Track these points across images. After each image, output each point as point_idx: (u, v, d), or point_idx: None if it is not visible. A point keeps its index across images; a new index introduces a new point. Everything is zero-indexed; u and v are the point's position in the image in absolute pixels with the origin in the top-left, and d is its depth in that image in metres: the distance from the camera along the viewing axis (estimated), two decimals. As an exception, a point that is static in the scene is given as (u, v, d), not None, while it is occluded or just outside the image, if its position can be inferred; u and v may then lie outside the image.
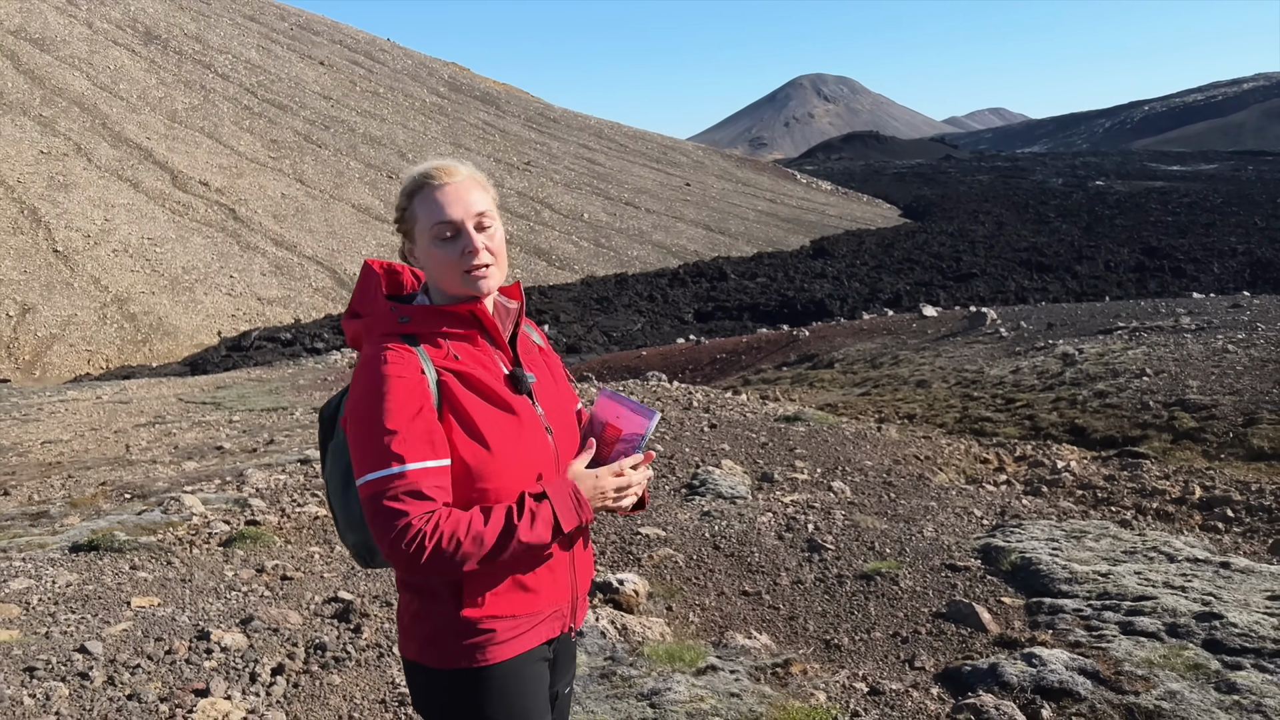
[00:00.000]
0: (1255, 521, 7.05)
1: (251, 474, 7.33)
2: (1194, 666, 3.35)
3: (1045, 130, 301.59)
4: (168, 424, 18.99)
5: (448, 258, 1.69)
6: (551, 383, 1.87)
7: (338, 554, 4.91)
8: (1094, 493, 8.28)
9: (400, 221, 1.77)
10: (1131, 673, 3.32)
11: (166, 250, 47.01)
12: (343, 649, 3.51)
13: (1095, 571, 4.35)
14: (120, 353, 39.83)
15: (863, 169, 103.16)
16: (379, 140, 62.97)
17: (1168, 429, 10.94)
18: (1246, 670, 3.29)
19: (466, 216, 1.71)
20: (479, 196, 1.75)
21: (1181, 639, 3.59)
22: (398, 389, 1.60)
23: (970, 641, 3.85)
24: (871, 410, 15.40)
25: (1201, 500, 7.77)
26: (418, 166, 1.79)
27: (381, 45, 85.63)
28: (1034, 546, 4.79)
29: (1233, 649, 3.46)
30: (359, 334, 1.77)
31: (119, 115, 54.98)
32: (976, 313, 21.68)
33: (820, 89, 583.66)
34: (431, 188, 1.73)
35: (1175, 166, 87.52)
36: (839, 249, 53.65)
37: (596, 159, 75.38)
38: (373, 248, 51.91)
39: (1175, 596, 3.97)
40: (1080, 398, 12.83)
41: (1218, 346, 13.77)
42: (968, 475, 9.42)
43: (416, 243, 1.74)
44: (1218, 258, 43.92)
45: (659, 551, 4.90)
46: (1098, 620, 3.86)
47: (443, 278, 1.72)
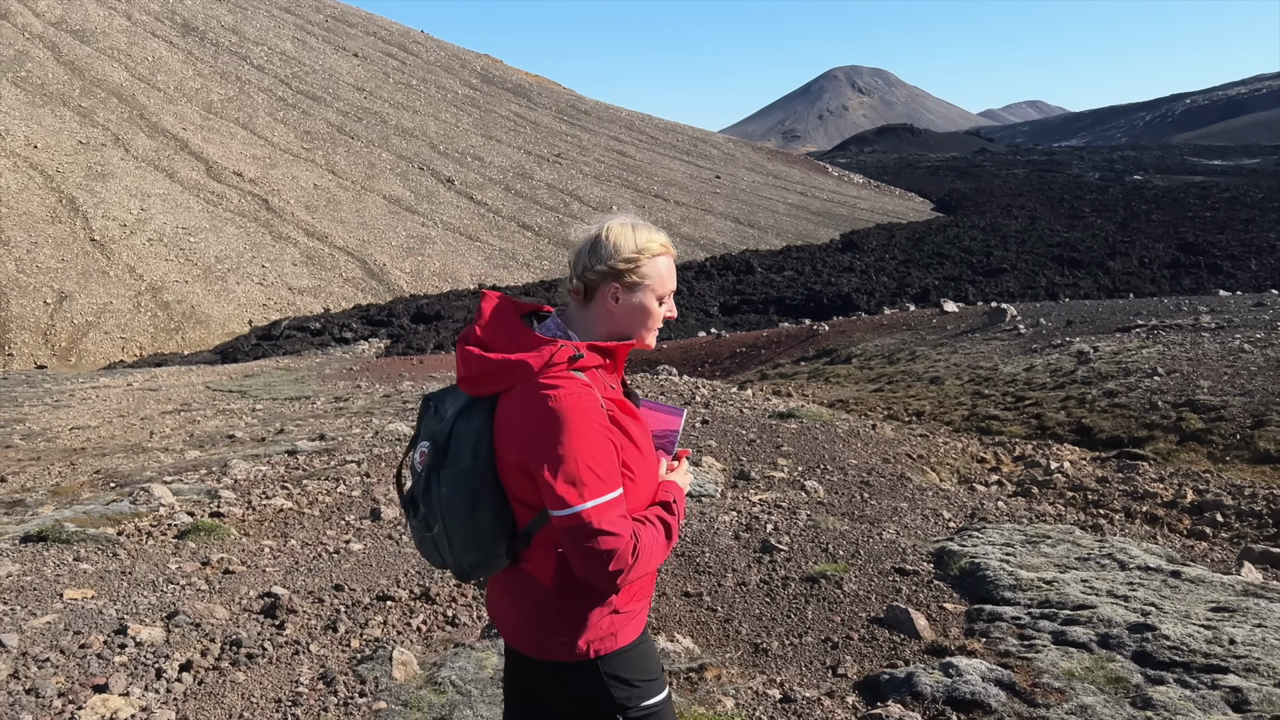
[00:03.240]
0: (1244, 527, 6.88)
1: (235, 465, 7.42)
2: (1115, 680, 3.27)
3: (1083, 124, 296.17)
4: (192, 411, 19.30)
5: (656, 314, 2.00)
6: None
7: (289, 548, 4.95)
8: (1084, 495, 8.13)
9: (631, 270, 1.95)
10: (1049, 685, 3.24)
11: (200, 240, 47.72)
12: (260, 646, 3.54)
13: (1041, 579, 4.26)
14: (154, 340, 40.55)
15: (896, 162, 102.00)
16: (410, 132, 63.39)
17: (1174, 430, 10.72)
18: (1168, 685, 3.20)
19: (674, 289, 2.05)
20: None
21: (1111, 650, 3.50)
22: (594, 423, 1.79)
23: (900, 649, 3.79)
24: (882, 407, 15.25)
25: (1193, 504, 7.60)
26: (645, 228, 2.01)
27: (415, 37, 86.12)
28: (986, 552, 4.70)
29: (1161, 662, 3.38)
30: (502, 370, 1.83)
31: (156, 106, 55.83)
32: (996, 309, 21.36)
33: (855, 81, 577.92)
34: (665, 256, 2.01)
35: (1216, 161, 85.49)
36: (868, 243, 53.13)
37: (627, 151, 75.29)
38: (402, 238, 52.33)
39: (1115, 606, 3.88)
40: (1089, 397, 12.60)
41: (1234, 346, 13.45)
42: (961, 475, 9.29)
43: (633, 292, 1.96)
44: (1256, 254, 42.94)
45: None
46: (1033, 629, 3.79)
47: (637, 326, 1.98)
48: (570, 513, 1.72)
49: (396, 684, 3.16)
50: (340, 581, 4.32)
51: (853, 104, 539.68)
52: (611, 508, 1.75)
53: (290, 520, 5.52)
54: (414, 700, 3.03)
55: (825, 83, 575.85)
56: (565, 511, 1.73)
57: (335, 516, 5.61)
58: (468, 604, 4.12)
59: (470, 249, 52.72)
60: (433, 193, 56.85)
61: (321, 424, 13.92)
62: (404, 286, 47.92)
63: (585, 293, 1.97)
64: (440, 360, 30.03)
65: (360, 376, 25.41)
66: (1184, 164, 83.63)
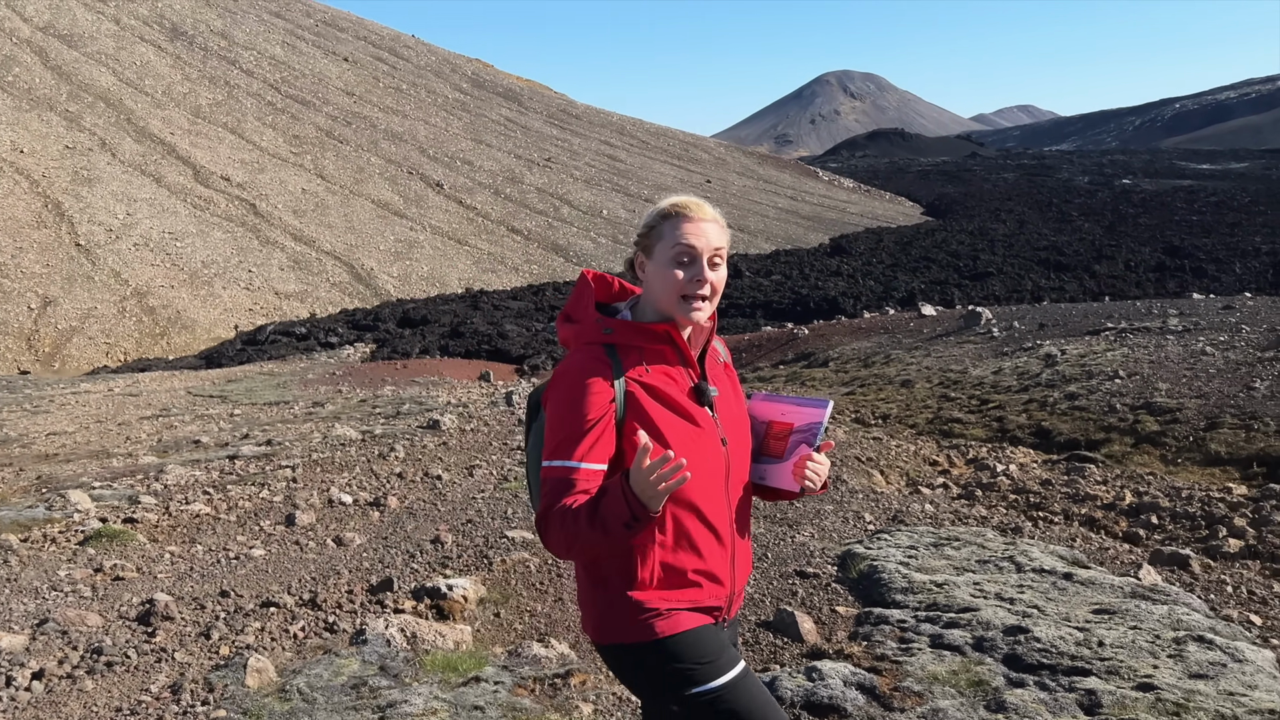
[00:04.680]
0: (1177, 529, 6.86)
1: (172, 470, 7.38)
2: (977, 683, 3.24)
3: (1074, 128, 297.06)
4: (171, 417, 19.24)
5: (677, 280, 1.90)
6: (733, 397, 2.07)
7: (191, 554, 4.91)
8: (1026, 497, 8.11)
9: (644, 236, 1.98)
10: (909, 689, 3.22)
11: (187, 245, 47.65)
12: (123, 653, 3.50)
13: (934, 582, 4.24)
14: (138, 346, 40.47)
15: (887, 166, 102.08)
16: (400, 136, 63.38)
17: (1131, 432, 10.70)
18: (1027, 688, 3.17)
19: (705, 249, 1.93)
20: (719, 235, 1.98)
21: (983, 653, 3.47)
22: (590, 397, 1.85)
23: (780, 653, 3.76)
24: (851, 409, 15.23)
25: (1131, 506, 7.57)
26: (675, 196, 2.00)
27: (406, 42, 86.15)
28: (889, 555, 4.68)
29: (1028, 665, 3.35)
30: (570, 337, 2.00)
31: (144, 111, 55.77)
32: (972, 312, 21.36)
33: (847, 86, 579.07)
34: (684, 216, 1.94)
35: (1204, 165, 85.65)
36: (857, 247, 53.16)
37: (617, 156, 75.33)
38: (390, 243, 52.29)
39: (999, 609, 3.85)
40: (1051, 400, 12.58)
41: (1196, 348, 13.43)
42: (910, 477, 9.27)
43: (652, 258, 1.95)
44: (1240, 258, 43.03)
45: (514, 555, 4.84)
46: (914, 632, 3.76)
47: (663, 296, 1.92)
48: (543, 465, 1.86)
49: (246, 692, 3.13)
50: (229, 588, 4.29)
51: (845, 108, 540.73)
52: (554, 474, 1.82)
53: (203, 526, 5.48)
54: (255, 708, 3.00)
55: (817, 87, 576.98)
56: (543, 463, 1.87)
57: (250, 522, 5.57)
58: (353, 610, 4.09)
59: (459, 253, 52.69)
60: (422, 197, 56.83)
61: (287, 429, 13.89)
62: (391, 291, 47.87)
63: (632, 273, 2.03)
64: (424, 365, 29.98)
65: (342, 381, 25.36)
66: (1172, 168, 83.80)
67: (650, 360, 1.93)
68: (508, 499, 6.10)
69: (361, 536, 5.25)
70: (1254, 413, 10.19)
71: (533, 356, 30.71)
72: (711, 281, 1.92)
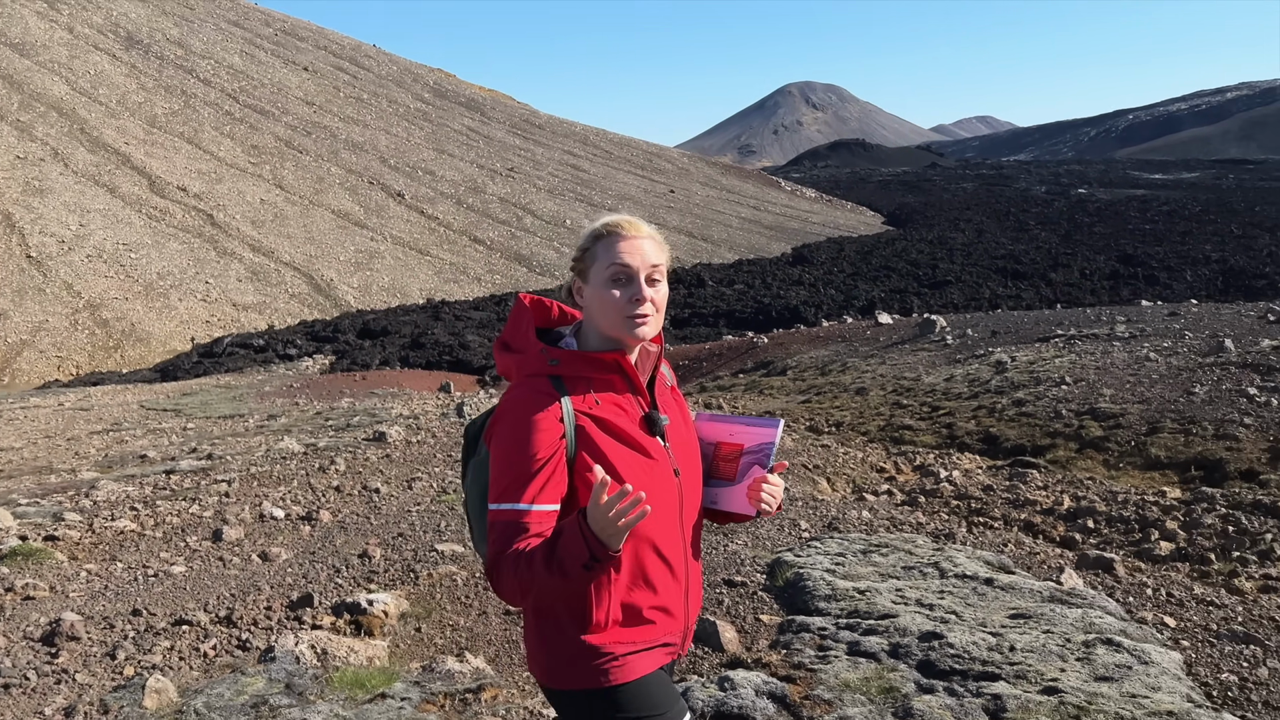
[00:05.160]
0: (1112, 533, 6.95)
1: (104, 486, 7.22)
2: (888, 690, 3.24)
3: (1032, 138, 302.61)
4: (122, 431, 18.88)
5: (615, 301, 1.83)
6: (682, 424, 2.00)
7: (110, 572, 4.80)
8: (968, 503, 8.18)
9: (579, 260, 1.91)
10: (820, 697, 3.21)
11: (142, 256, 46.93)
12: (22, 675, 3.40)
13: (857, 589, 4.24)
14: (91, 359, 39.74)
15: (848, 176, 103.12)
16: (361, 146, 62.93)
17: (1075, 438, 10.85)
18: (936, 694, 3.18)
19: (642, 266, 1.85)
20: (655, 252, 1.91)
21: (898, 660, 3.48)
22: (536, 435, 1.75)
23: (700, 663, 3.74)
24: (806, 417, 15.30)
25: (1069, 511, 7.67)
26: (606, 216, 1.93)
27: (367, 51, 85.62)
28: (816, 562, 4.68)
29: (940, 671, 3.36)
30: (510, 368, 1.92)
31: (98, 120, 54.90)
32: (926, 320, 21.58)
33: (809, 97, 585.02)
34: (618, 236, 1.87)
35: (1157, 175, 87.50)
36: (818, 256, 53.59)
37: (581, 165, 75.36)
38: (351, 253, 51.85)
39: (917, 615, 3.87)
40: (999, 406, 12.72)
41: (1141, 355, 13.67)
42: (856, 484, 9.31)
43: (589, 282, 1.87)
44: (1191, 265, 43.98)
45: (441, 569, 4.78)
46: (833, 640, 3.76)
47: (605, 318, 1.85)
48: (490, 508, 1.76)
49: (143, 713, 3.05)
50: (142, 606, 4.19)
51: (807, 119, 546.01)
52: (503, 517, 1.73)
53: (127, 543, 5.36)
54: (149, 730, 2.93)
55: (780, 98, 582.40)
56: (490, 506, 1.77)
57: (175, 538, 5.46)
58: (268, 627, 4.01)
59: (420, 263, 52.36)
60: (382, 207, 56.43)
61: (237, 442, 13.68)
62: (351, 302, 47.45)
63: (570, 298, 1.95)
64: (384, 376, 29.70)
65: (300, 394, 25.06)
66: (1126, 178, 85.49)
67: (599, 391, 1.85)
68: (443, 511, 6.03)
69: (288, 552, 5.16)
70: (1193, 417, 10.39)
71: (494, 368, 30.55)
72: (651, 298, 1.86)
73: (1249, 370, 11.71)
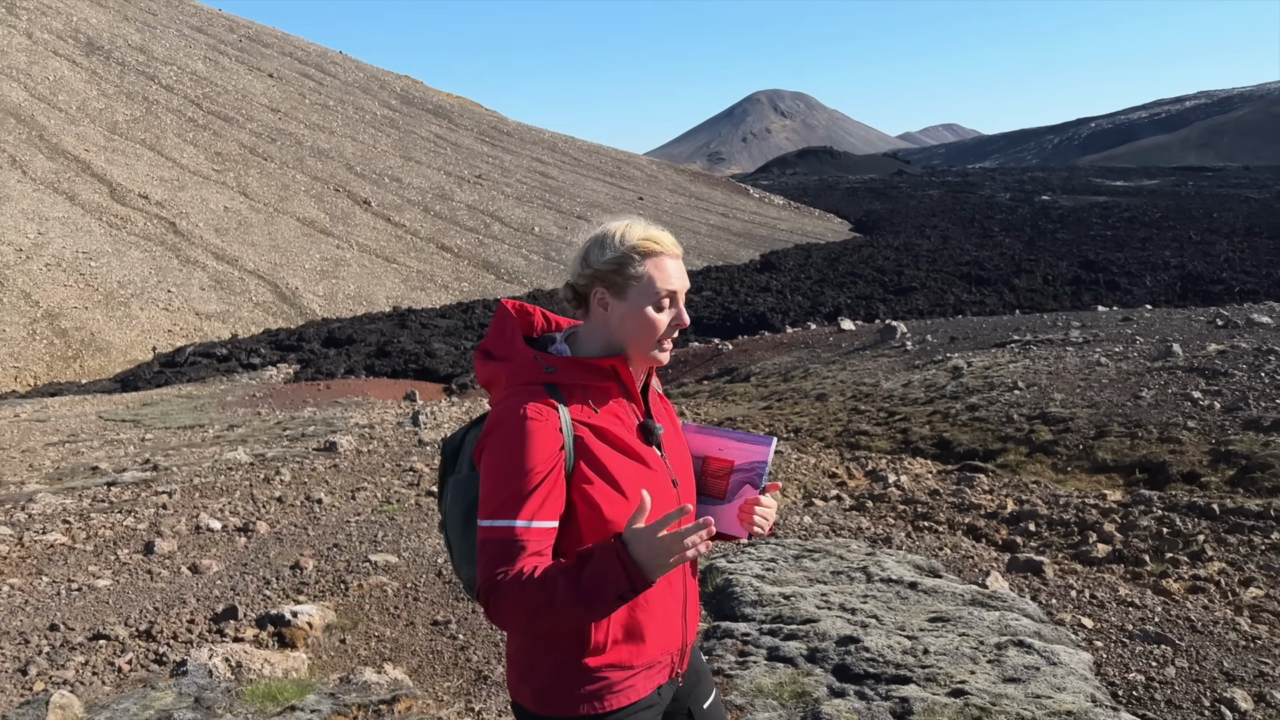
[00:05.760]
0: (1052, 535, 7.04)
1: (41, 498, 7.10)
2: (800, 694, 3.26)
3: (997, 146, 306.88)
4: (79, 442, 18.56)
5: (657, 325, 1.77)
6: (674, 433, 1.91)
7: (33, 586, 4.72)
8: (915, 508, 8.25)
9: (614, 273, 1.77)
10: (732, 703, 3.22)
11: (102, 264, 46.23)
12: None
13: (783, 594, 4.27)
14: (49, 370, 39.05)
15: (816, 184, 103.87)
16: (327, 153, 62.47)
17: (1026, 442, 10.99)
18: (847, 698, 3.20)
19: (683, 289, 1.80)
20: (685, 273, 1.84)
21: (815, 664, 3.50)
22: (535, 447, 1.64)
23: (622, 671, 3.75)
24: (766, 423, 15.38)
25: (1012, 514, 7.77)
26: (641, 225, 1.81)
27: (333, 58, 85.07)
28: (747, 568, 4.70)
29: (855, 674, 3.38)
30: (495, 377, 1.80)
31: (57, 127, 54.07)
32: (887, 326, 21.78)
33: (777, 105, 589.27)
34: (667, 255, 1.79)
35: (1119, 182, 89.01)
36: (786, 263, 53.91)
37: (549, 173, 75.31)
38: (316, 261, 51.40)
39: (839, 619, 3.89)
40: (953, 411, 12.86)
41: (1093, 359, 13.88)
42: (808, 490, 9.37)
43: (625, 299, 1.77)
44: (1150, 271, 44.72)
45: (372, 579, 4.75)
46: (754, 645, 3.77)
47: (638, 339, 1.77)
48: (481, 525, 1.65)
49: (44, 729, 3.01)
50: (61, 620, 4.13)
51: (775, 127, 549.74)
52: (496, 535, 1.61)
53: (56, 556, 5.27)
54: (46, 747, 2.88)
55: (749, 106, 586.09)
56: (481, 522, 1.65)
57: (106, 551, 5.38)
58: (188, 641, 3.96)
59: (387, 271, 52.03)
60: (349, 214, 56.03)
61: (192, 453, 13.52)
62: (317, 310, 47.01)
63: (578, 301, 1.83)
64: (348, 385, 29.47)
65: (262, 403, 24.79)
66: (1089, 185, 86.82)
67: (596, 399, 1.76)
68: (383, 521, 5.99)
69: (220, 564, 5.10)
70: (1139, 421, 10.55)
71: (461, 375, 30.39)
72: (687, 323, 1.81)
73: (1194, 374, 11.92)
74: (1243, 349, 12.65)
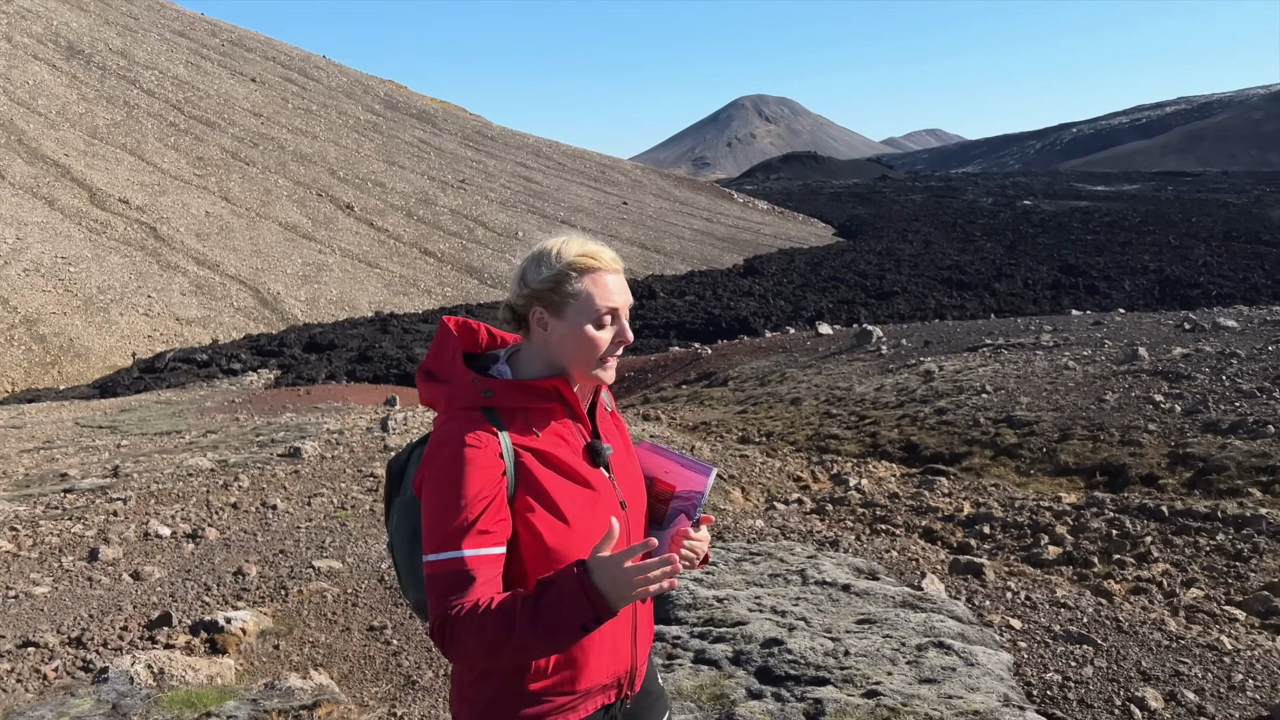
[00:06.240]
0: (1005, 538, 7.10)
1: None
2: (718, 697, 3.28)
3: (979, 151, 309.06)
4: (54, 449, 18.43)
5: (599, 343, 1.71)
6: (625, 453, 1.86)
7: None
8: (873, 511, 8.30)
9: (551, 290, 1.71)
10: (650, 707, 3.24)
11: (81, 270, 45.94)
12: None
13: (717, 597, 4.29)
14: (27, 376, 38.74)
15: (800, 188, 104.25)
16: (309, 158, 62.29)
17: (991, 445, 11.06)
18: (764, 700, 3.23)
19: (625, 305, 1.76)
20: (627, 288, 1.81)
21: (739, 666, 3.52)
22: (474, 475, 1.59)
23: (550, 675, 3.76)
24: (739, 428, 15.43)
25: (968, 517, 7.82)
26: (579, 241, 1.76)
27: (316, 62, 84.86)
28: (686, 572, 4.73)
29: (776, 676, 3.41)
30: (435, 399, 1.74)
31: (36, 132, 53.74)
32: (863, 330, 21.87)
33: (762, 110, 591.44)
34: (605, 271, 1.73)
35: (1100, 187, 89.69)
36: (769, 268, 54.08)
37: (534, 178, 75.31)
38: (298, 266, 51.22)
39: (767, 622, 3.92)
40: (922, 415, 12.93)
41: (1061, 363, 13.98)
42: (771, 494, 9.40)
43: (564, 317, 1.71)
44: (1129, 275, 45.06)
45: (312, 585, 4.75)
46: (683, 648, 3.79)
47: (579, 358, 1.71)
48: (426, 559, 1.59)
49: (-45, 737, 3.00)
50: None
51: (760, 132, 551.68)
52: (444, 568, 1.56)
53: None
54: (-47, 754, 2.88)
55: (734, 111, 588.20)
56: (425, 557, 1.59)
57: (50, 558, 5.36)
58: (119, 648, 3.96)
59: (369, 276, 51.90)
60: (331, 219, 55.88)
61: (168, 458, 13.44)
62: (299, 315, 46.85)
63: (517, 322, 1.78)
64: (329, 390, 29.35)
65: (241, 409, 24.66)
66: (1070, 189, 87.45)
67: (537, 421, 1.70)
68: (333, 527, 5.99)
69: (163, 570, 5.09)
70: (1102, 424, 10.64)
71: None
72: (630, 339, 1.77)
73: (1159, 378, 12.03)
74: (1206, 352, 12.78)
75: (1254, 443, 8.83)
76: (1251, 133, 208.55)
